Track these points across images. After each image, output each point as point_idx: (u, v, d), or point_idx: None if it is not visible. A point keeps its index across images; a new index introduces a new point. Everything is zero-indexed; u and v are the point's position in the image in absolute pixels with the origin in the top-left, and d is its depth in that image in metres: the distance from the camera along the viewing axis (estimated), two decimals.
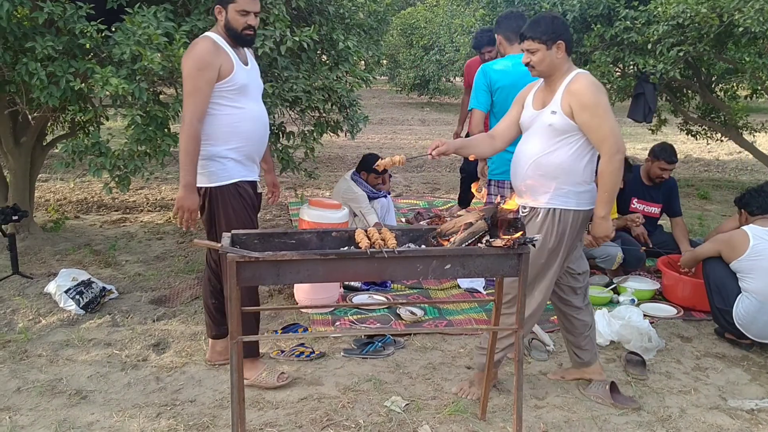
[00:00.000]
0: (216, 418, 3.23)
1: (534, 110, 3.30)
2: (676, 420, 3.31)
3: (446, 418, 3.26)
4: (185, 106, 3.25)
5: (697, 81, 7.93)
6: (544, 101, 3.27)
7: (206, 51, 3.21)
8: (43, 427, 3.13)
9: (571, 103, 3.16)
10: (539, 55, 3.18)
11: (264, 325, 4.29)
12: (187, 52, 3.26)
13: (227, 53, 3.27)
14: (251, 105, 3.39)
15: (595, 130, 3.14)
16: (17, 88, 4.47)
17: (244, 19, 3.25)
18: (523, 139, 3.35)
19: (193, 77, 3.19)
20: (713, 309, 4.22)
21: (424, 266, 2.69)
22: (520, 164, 3.31)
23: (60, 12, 3.98)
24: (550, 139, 3.22)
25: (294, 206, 7.33)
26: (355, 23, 5.35)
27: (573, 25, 6.74)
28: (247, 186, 3.43)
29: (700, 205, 7.91)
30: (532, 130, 3.29)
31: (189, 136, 3.20)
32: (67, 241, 5.90)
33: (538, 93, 3.33)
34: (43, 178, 8.59)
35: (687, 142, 12.18)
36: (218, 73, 3.23)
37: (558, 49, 3.18)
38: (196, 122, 3.21)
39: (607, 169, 3.14)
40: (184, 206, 3.25)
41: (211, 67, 3.19)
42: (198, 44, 3.26)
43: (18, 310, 4.38)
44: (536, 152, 3.24)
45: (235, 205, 3.37)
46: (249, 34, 3.31)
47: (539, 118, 3.26)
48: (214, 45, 3.24)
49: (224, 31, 3.29)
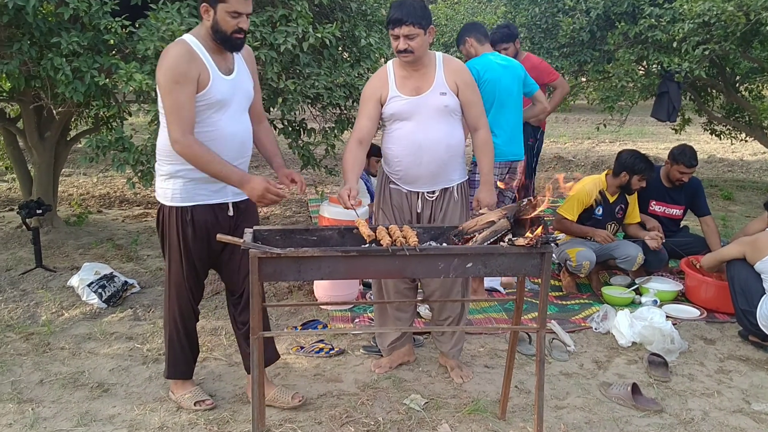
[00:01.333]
0: (236, 413, 3.25)
1: (410, 97, 3.32)
2: (698, 423, 3.27)
3: (466, 417, 3.25)
4: (169, 124, 2.84)
5: (721, 80, 7.82)
6: (418, 86, 3.32)
7: (180, 60, 2.80)
8: (65, 420, 3.17)
9: (456, 81, 3.33)
10: (419, 40, 3.22)
11: (284, 322, 4.30)
12: (161, 61, 2.85)
13: (203, 62, 2.86)
14: (225, 122, 2.94)
15: (476, 105, 3.41)
16: (42, 84, 4.52)
17: (235, 21, 2.85)
18: (415, 127, 3.33)
19: (172, 92, 2.80)
20: (737, 310, 4.17)
21: (445, 264, 2.68)
22: (428, 151, 3.33)
23: (85, 8, 4.01)
24: (448, 120, 3.35)
25: (314, 203, 7.34)
26: (377, 20, 5.35)
27: (597, 22, 6.69)
28: (209, 210, 3.03)
29: (723, 206, 7.81)
30: (423, 116, 3.32)
31: (190, 153, 2.83)
32: (90, 235, 5.96)
33: (402, 80, 3.33)
34: (66, 172, 8.68)
35: (711, 142, 12.03)
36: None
37: (430, 35, 3.26)
38: (188, 135, 2.82)
39: (490, 140, 3.46)
40: (258, 196, 2.87)
41: (189, 78, 2.80)
42: (170, 51, 2.85)
43: (41, 303, 4.43)
44: (443, 135, 3.34)
45: (185, 230, 3.01)
46: (239, 37, 2.90)
47: (425, 102, 3.30)
48: (189, 52, 2.84)
49: (210, 32, 2.87)
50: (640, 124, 15.04)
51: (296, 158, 5.18)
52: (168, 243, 3.08)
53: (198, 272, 3.17)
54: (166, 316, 3.25)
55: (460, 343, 3.73)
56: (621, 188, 4.96)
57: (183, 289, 3.15)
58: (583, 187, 4.96)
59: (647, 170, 4.85)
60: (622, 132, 12.94)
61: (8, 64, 4.23)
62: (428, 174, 3.39)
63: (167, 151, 2.95)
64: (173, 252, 3.08)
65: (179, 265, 3.10)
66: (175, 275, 3.12)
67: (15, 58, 4.24)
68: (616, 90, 6.69)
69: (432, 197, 3.45)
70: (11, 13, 3.98)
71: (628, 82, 6.61)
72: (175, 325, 3.22)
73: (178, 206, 3.00)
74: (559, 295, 4.94)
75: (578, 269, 4.81)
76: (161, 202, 3.07)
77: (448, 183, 3.45)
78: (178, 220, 3.01)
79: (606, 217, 4.99)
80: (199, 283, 3.22)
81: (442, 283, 3.56)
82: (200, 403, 3.25)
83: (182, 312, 3.20)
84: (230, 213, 3.09)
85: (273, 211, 7.09)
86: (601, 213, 4.99)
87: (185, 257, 3.07)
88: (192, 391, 3.30)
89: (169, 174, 2.99)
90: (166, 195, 3.03)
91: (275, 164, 3.23)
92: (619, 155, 4.96)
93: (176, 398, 3.31)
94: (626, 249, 4.86)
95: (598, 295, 4.91)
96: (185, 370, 3.33)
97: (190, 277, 3.14)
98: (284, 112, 4.70)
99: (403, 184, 3.46)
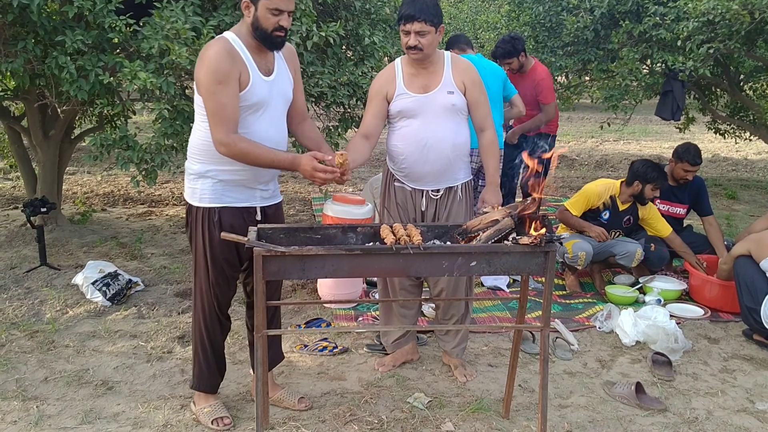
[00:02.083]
0: (240, 411, 3.25)
1: (417, 94, 3.32)
2: (702, 422, 3.27)
3: (469, 416, 3.25)
4: (212, 127, 2.76)
5: (725, 79, 7.81)
6: (426, 84, 3.32)
7: (222, 59, 2.72)
8: (70, 417, 3.18)
9: (464, 80, 3.34)
10: (429, 37, 3.23)
11: (287, 320, 4.31)
12: (201, 59, 2.78)
13: (244, 61, 2.79)
14: (260, 125, 2.87)
15: (483, 105, 3.41)
16: (47, 82, 4.53)
17: (276, 19, 2.76)
18: (422, 125, 3.33)
19: (214, 93, 2.73)
20: (742, 308, 4.16)
21: (449, 263, 2.68)
22: (435, 149, 3.33)
23: (89, 6, 4.02)
24: (455, 119, 3.36)
25: (317, 201, 7.36)
26: (381, 18, 5.35)
27: (601, 20, 6.67)
28: (237, 214, 2.96)
29: (727, 205, 7.80)
30: (430, 114, 3.32)
31: (237, 152, 2.77)
32: (94, 234, 5.97)
33: (410, 78, 3.34)
34: (70, 171, 8.70)
35: (715, 141, 12.01)
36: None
37: (440, 33, 3.26)
38: (232, 134, 2.76)
39: (496, 141, 3.47)
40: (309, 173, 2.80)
41: (231, 78, 2.73)
42: (211, 50, 2.77)
43: (46, 301, 4.44)
44: (449, 134, 3.34)
45: (212, 232, 2.92)
46: (279, 35, 2.81)
47: (432, 100, 3.31)
48: (230, 51, 2.76)
49: (250, 30, 2.80)
50: (644, 123, 15.01)
51: None
52: (195, 246, 2.99)
53: (227, 277, 3.03)
54: (193, 326, 3.16)
55: (464, 342, 3.74)
56: (634, 198, 4.95)
57: (209, 296, 3.03)
58: (594, 188, 4.98)
59: (659, 179, 4.85)
60: (626, 131, 12.91)
61: (13, 62, 4.24)
62: (434, 172, 3.38)
63: (200, 150, 2.91)
64: (199, 256, 2.98)
65: (205, 271, 2.98)
66: (202, 281, 3.01)
67: (20, 56, 4.25)
68: (620, 89, 6.68)
69: (437, 196, 3.45)
70: (16, 11, 3.99)
71: (632, 81, 6.59)
72: (200, 335, 3.10)
73: (206, 207, 2.92)
74: (562, 294, 4.93)
75: (574, 260, 4.81)
76: (189, 202, 2.99)
77: (453, 182, 3.45)
78: (204, 221, 2.93)
79: (612, 223, 4.98)
80: (225, 290, 3.06)
81: (448, 283, 3.56)
82: (218, 422, 3.11)
83: (207, 322, 3.08)
84: (258, 217, 3.01)
85: None
86: (607, 217, 4.98)
87: (211, 260, 2.96)
88: (212, 406, 3.17)
89: (199, 174, 2.92)
90: (195, 195, 2.95)
91: (323, 150, 3.05)
92: (632, 165, 4.96)
93: (195, 410, 3.19)
94: (625, 245, 4.87)
95: (602, 294, 4.90)
96: (210, 384, 3.20)
97: (216, 283, 3.00)
98: None
99: (408, 181, 3.46)
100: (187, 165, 3.00)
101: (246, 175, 2.91)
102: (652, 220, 5.05)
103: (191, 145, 2.98)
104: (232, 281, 3.08)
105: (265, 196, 3.03)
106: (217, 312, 3.08)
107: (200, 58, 2.78)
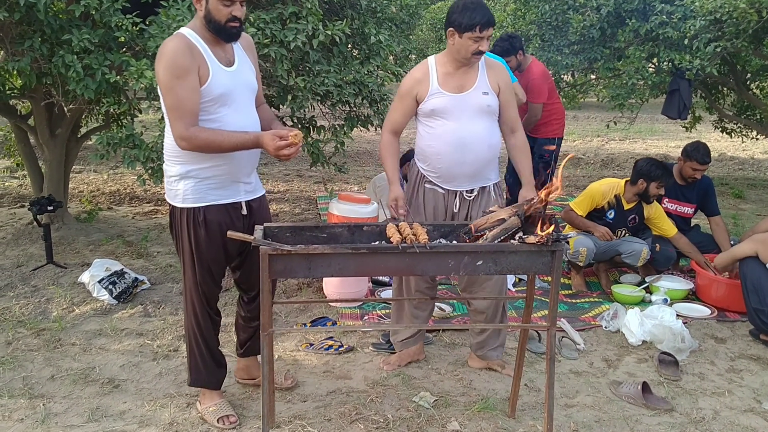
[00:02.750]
0: (246, 410, 3.26)
1: (453, 94, 3.34)
2: (709, 422, 3.26)
3: (475, 415, 3.24)
4: (172, 122, 2.77)
5: (732, 78, 7.77)
6: (462, 84, 3.35)
7: (179, 53, 2.71)
8: (77, 415, 3.18)
9: (499, 82, 3.39)
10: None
11: (293, 318, 4.31)
12: (158, 57, 2.77)
13: (202, 54, 2.77)
14: (233, 117, 2.86)
15: (513, 106, 3.49)
16: (53, 81, 4.54)
17: (228, 10, 2.75)
18: (458, 124, 3.34)
19: (172, 88, 2.71)
20: (749, 309, 4.15)
21: (455, 262, 2.68)
22: (472, 149, 3.35)
23: (96, 5, 4.03)
24: (489, 120, 3.39)
25: (323, 200, 7.35)
26: (387, 17, 5.34)
27: (607, 19, 6.65)
28: (222, 210, 2.96)
29: (734, 205, 7.77)
30: (465, 114, 3.34)
31: (198, 143, 2.76)
32: (101, 232, 5.99)
33: (445, 77, 3.35)
34: (77, 169, 8.72)
35: (721, 140, 11.97)
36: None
37: None
38: (192, 129, 2.75)
39: (527, 141, 3.56)
40: (274, 150, 2.76)
41: (190, 72, 2.71)
42: (167, 45, 2.75)
43: (52, 299, 4.45)
44: (485, 134, 3.37)
45: (197, 232, 2.92)
46: (234, 26, 2.79)
47: (467, 100, 3.34)
48: (187, 44, 2.75)
49: (204, 23, 2.79)
50: (651, 121, 14.98)
51: (305, 155, 5.17)
52: (182, 246, 3.00)
53: (213, 276, 3.04)
54: (185, 324, 3.17)
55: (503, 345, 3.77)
56: (639, 197, 4.93)
57: (197, 294, 3.04)
58: (599, 187, 4.97)
59: (664, 176, 4.82)
60: (632, 130, 12.87)
61: (20, 61, 4.25)
62: (470, 172, 3.39)
63: (175, 152, 2.88)
64: (186, 255, 2.99)
65: (192, 270, 2.99)
66: (189, 280, 3.03)
67: (26, 55, 4.27)
68: (627, 87, 6.64)
69: (471, 196, 3.44)
70: (23, 10, 4.00)
71: (639, 80, 6.56)
72: (193, 332, 3.12)
73: (190, 207, 2.91)
74: (569, 294, 4.92)
75: (575, 256, 4.80)
76: (172, 204, 2.97)
77: (485, 182, 3.46)
78: (190, 222, 2.92)
79: (617, 222, 4.96)
80: (212, 287, 3.08)
81: (488, 306, 3.58)
82: (223, 420, 3.11)
83: (198, 319, 3.09)
84: (243, 212, 3.03)
85: (282, 209, 7.10)
86: (612, 216, 4.96)
87: (198, 260, 2.96)
88: (218, 404, 3.18)
89: (180, 175, 2.90)
90: (177, 196, 2.94)
91: (274, 126, 3.03)
92: (636, 163, 4.94)
93: (201, 410, 3.19)
94: (631, 244, 4.86)
95: (608, 294, 4.89)
96: (209, 380, 3.19)
97: (203, 281, 3.01)
98: (294, 110, 4.71)
99: (442, 182, 3.44)
100: (165, 168, 2.98)
101: (227, 169, 2.91)
102: (657, 220, 5.03)
103: (167, 147, 2.95)
104: (219, 278, 3.11)
105: (248, 190, 3.04)
106: (207, 308, 3.10)
107: (158, 55, 2.78)
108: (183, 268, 3.05)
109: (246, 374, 3.48)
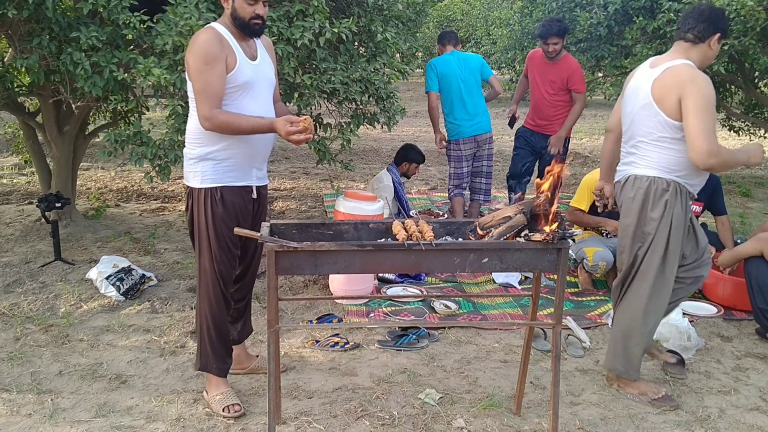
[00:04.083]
0: (252, 406, 3.27)
1: None
2: (715, 420, 3.26)
3: (480, 413, 3.25)
4: (198, 104, 2.97)
5: (740, 76, 7.74)
6: None
7: (210, 42, 2.94)
8: (84, 410, 3.21)
9: None
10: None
11: (299, 315, 4.33)
12: (190, 46, 3.00)
13: (231, 46, 3.01)
14: (252, 105, 3.08)
15: None
16: (61, 78, 4.56)
17: (252, 8, 2.99)
18: None
19: (202, 72, 2.93)
20: (755, 309, 4.14)
21: (461, 259, 2.68)
22: None
23: (104, 3, 4.04)
24: None
25: (329, 198, 7.37)
26: (394, 15, 5.34)
27: (614, 17, 6.63)
28: (236, 192, 3.14)
29: (741, 203, 7.74)
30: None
31: (220, 123, 2.95)
32: (108, 229, 6.02)
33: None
34: (84, 166, 8.76)
35: (729, 138, 11.92)
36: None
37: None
38: (215, 111, 2.95)
39: None
40: (285, 134, 2.92)
41: (219, 60, 2.93)
42: (200, 36, 2.99)
43: (60, 296, 4.48)
44: None
45: (215, 210, 3.08)
46: (257, 23, 3.03)
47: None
48: (218, 36, 2.98)
49: (230, 20, 3.04)
50: None
51: (312, 153, 5.18)
52: (198, 227, 3.13)
53: (230, 253, 3.15)
54: (198, 307, 3.24)
55: None
56: None
57: (213, 274, 3.12)
58: (592, 176, 4.94)
59: None
60: None
61: (28, 58, 4.28)
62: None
63: (197, 134, 3.08)
64: (203, 237, 3.10)
65: (208, 249, 3.11)
66: (206, 261, 3.12)
67: (35, 52, 4.29)
68: None
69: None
70: (31, 8, 4.02)
71: None
72: (206, 317, 3.20)
73: (209, 187, 3.08)
74: (575, 292, 4.92)
75: (594, 269, 4.79)
76: (191, 185, 3.13)
77: None
78: (208, 201, 3.08)
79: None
80: (229, 268, 3.18)
81: None
82: (228, 409, 3.17)
83: (212, 302, 3.17)
84: (254, 196, 3.22)
85: (289, 206, 7.12)
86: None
87: (216, 239, 3.08)
88: (224, 393, 3.24)
89: (200, 157, 3.09)
90: (196, 177, 3.11)
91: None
92: None
93: (208, 399, 3.25)
94: None
95: None
96: (216, 366, 3.25)
97: (221, 260, 3.12)
98: (300, 107, 4.71)
99: None
100: (186, 151, 3.17)
101: (242, 152, 3.11)
102: None
103: (189, 131, 3.15)
104: (234, 258, 3.21)
105: (259, 176, 3.26)
106: (222, 289, 3.19)
107: (191, 44, 3.01)
108: (198, 250, 3.15)
109: (236, 363, 3.50)
